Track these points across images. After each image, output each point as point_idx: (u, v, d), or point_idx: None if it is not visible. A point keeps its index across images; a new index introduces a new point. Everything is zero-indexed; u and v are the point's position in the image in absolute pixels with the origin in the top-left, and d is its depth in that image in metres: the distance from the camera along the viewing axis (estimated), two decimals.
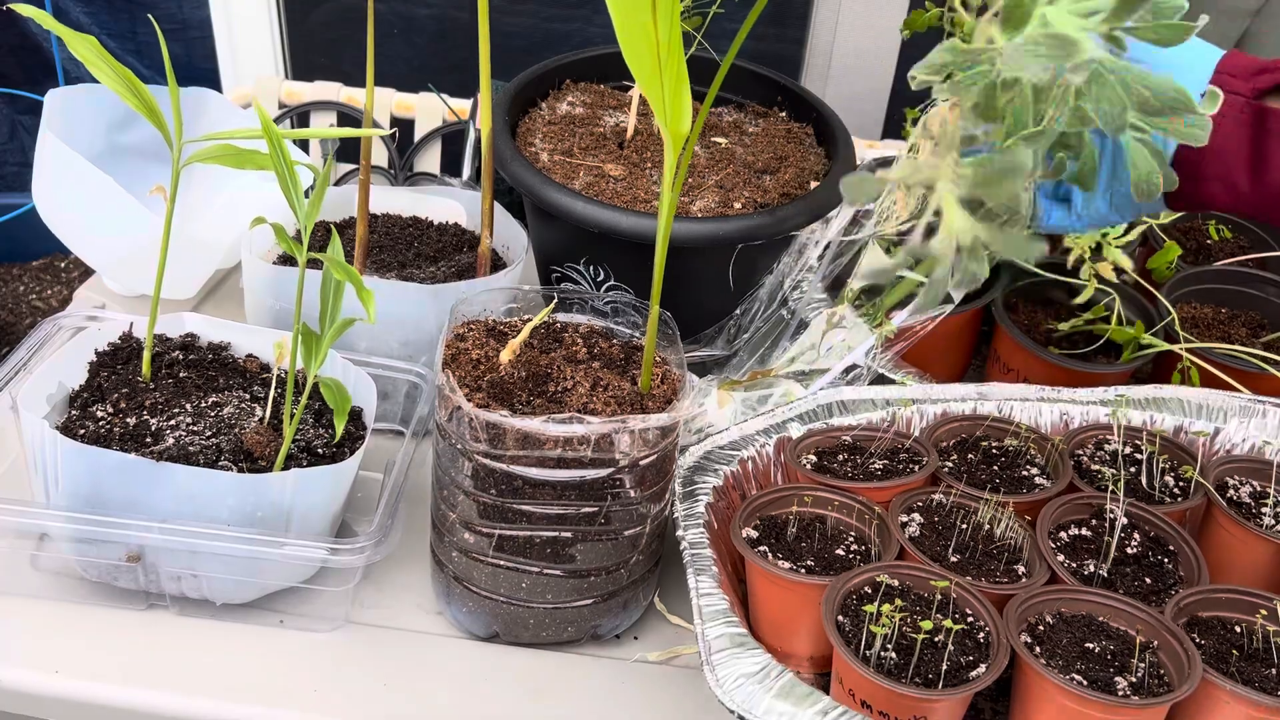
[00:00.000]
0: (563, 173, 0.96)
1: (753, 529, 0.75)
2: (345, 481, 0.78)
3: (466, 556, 0.73)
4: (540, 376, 0.72)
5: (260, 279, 0.95)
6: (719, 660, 0.64)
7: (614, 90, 1.12)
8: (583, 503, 0.70)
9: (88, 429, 0.75)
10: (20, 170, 2.30)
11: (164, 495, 0.71)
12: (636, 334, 0.80)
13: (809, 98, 1.09)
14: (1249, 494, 0.79)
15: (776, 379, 0.94)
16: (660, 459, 0.72)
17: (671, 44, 0.59)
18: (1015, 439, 0.83)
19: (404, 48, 1.88)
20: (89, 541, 0.73)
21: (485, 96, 0.89)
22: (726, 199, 0.95)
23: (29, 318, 2.33)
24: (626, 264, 0.94)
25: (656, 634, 0.80)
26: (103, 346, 0.84)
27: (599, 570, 0.73)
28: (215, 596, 0.77)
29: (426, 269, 1.01)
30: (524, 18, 1.84)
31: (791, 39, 1.66)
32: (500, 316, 0.80)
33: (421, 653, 0.77)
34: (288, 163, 0.70)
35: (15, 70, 2.21)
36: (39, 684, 0.73)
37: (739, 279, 0.99)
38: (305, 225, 0.71)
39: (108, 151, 1.08)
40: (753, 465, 0.82)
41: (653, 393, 0.73)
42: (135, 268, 1.02)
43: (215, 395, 0.81)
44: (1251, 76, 0.73)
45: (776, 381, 0.93)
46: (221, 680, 0.73)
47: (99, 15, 2.09)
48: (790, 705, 0.61)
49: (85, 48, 0.72)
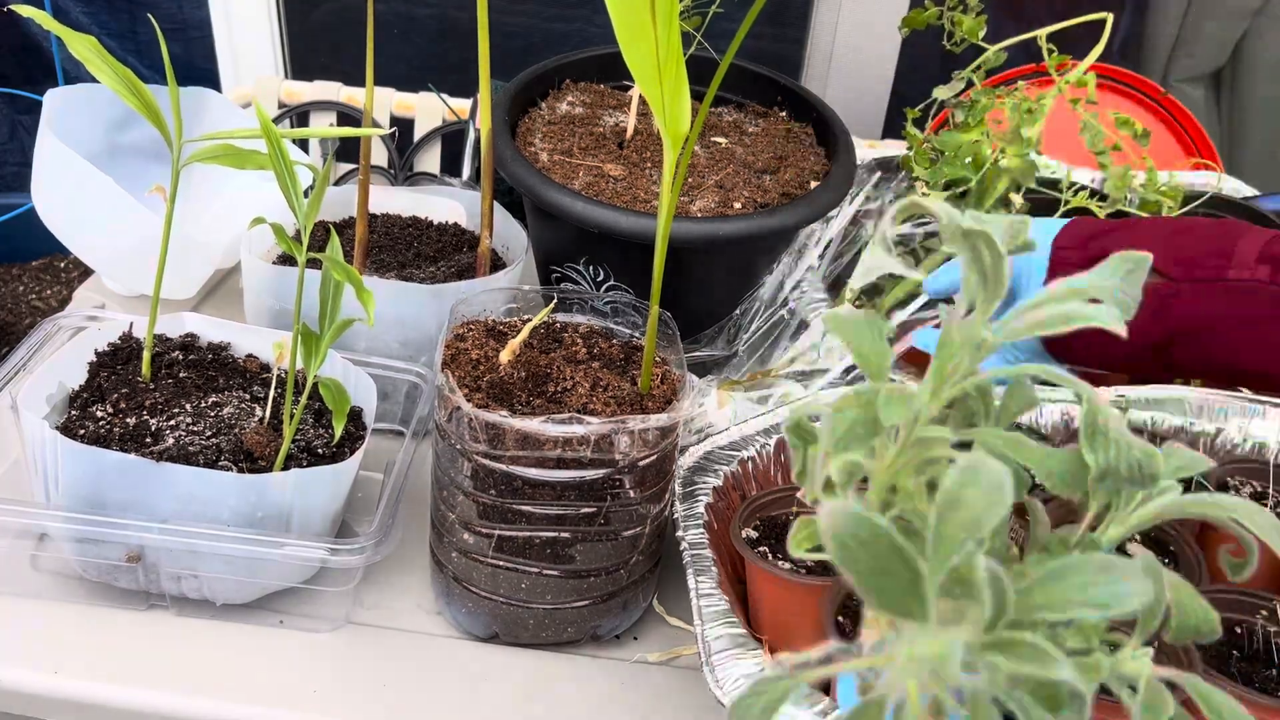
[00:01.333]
0: (562, 173, 0.96)
1: (753, 529, 0.75)
2: (345, 481, 0.78)
3: (466, 557, 0.73)
4: (540, 377, 0.72)
5: (260, 279, 0.95)
6: (719, 661, 0.64)
7: (614, 90, 1.12)
8: (582, 503, 0.70)
9: (88, 429, 0.75)
10: (20, 170, 2.30)
11: (164, 495, 0.71)
12: (636, 334, 0.80)
13: (809, 98, 1.09)
14: (1249, 494, 0.79)
15: (777, 379, 0.93)
16: (660, 459, 0.71)
17: (670, 44, 0.59)
18: None
19: (404, 48, 1.88)
20: (89, 541, 0.73)
21: (485, 96, 0.89)
22: (726, 199, 0.95)
23: (29, 318, 2.33)
24: (626, 264, 0.94)
25: (656, 634, 0.80)
26: (103, 346, 0.84)
27: (599, 571, 0.73)
28: (215, 597, 0.77)
29: (426, 269, 1.01)
30: (524, 18, 1.84)
31: (791, 39, 1.66)
32: (500, 316, 0.80)
33: (421, 653, 0.77)
34: (287, 163, 0.70)
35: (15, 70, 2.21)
36: (39, 684, 0.73)
37: (739, 279, 0.99)
38: (305, 225, 0.71)
39: (107, 151, 1.08)
40: (753, 465, 0.82)
41: (652, 393, 0.73)
42: (135, 268, 1.02)
43: (215, 395, 0.81)
44: (1085, 244, 0.79)
45: (776, 382, 0.93)
46: (221, 680, 0.73)
47: (99, 15, 2.09)
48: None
49: (85, 47, 0.72)
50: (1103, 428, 0.35)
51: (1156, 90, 1.48)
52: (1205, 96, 1.81)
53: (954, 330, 0.36)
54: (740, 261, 0.98)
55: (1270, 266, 0.73)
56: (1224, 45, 1.75)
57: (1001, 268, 0.36)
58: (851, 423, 0.36)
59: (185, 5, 2.02)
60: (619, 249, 0.91)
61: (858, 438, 0.36)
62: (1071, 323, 0.35)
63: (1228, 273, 0.73)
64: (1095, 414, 0.35)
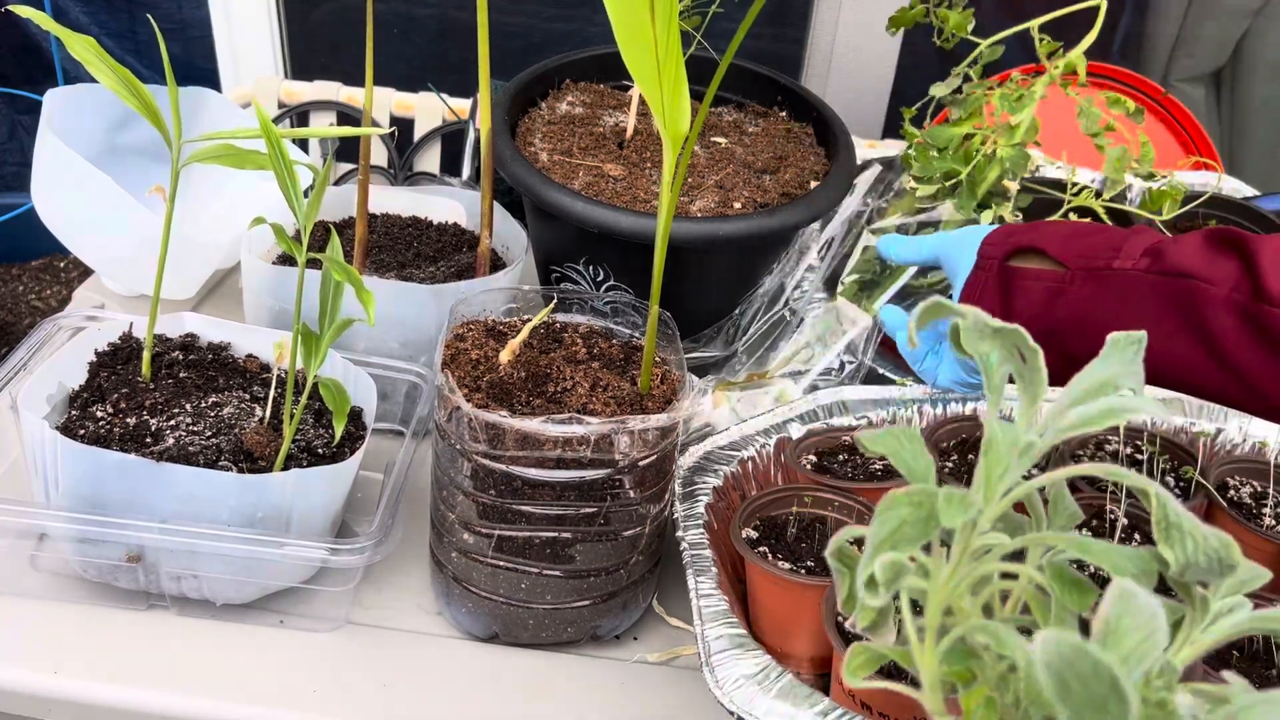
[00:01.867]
0: (562, 172, 0.96)
1: (752, 529, 0.75)
2: (345, 481, 0.78)
3: (466, 557, 0.73)
4: (540, 377, 0.72)
5: (260, 279, 0.95)
6: (719, 661, 0.64)
7: (614, 90, 1.12)
8: (582, 503, 0.70)
9: (88, 429, 0.75)
10: (20, 170, 2.30)
11: (164, 495, 0.71)
12: (636, 334, 0.80)
13: (809, 97, 1.09)
14: (1250, 494, 0.79)
15: (773, 380, 0.94)
16: (660, 459, 0.71)
17: (670, 44, 0.59)
18: None
19: (404, 48, 1.88)
20: (89, 541, 0.73)
21: (485, 96, 0.89)
22: (726, 199, 0.95)
23: (28, 318, 2.33)
24: (626, 264, 0.94)
25: (656, 635, 0.80)
26: (103, 346, 0.84)
27: (598, 571, 0.73)
28: (215, 597, 0.77)
29: (426, 269, 1.01)
30: (524, 18, 1.84)
31: (791, 39, 1.66)
32: (500, 316, 0.80)
33: (421, 653, 0.77)
34: (287, 162, 0.70)
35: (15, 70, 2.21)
36: (39, 684, 0.72)
37: (739, 279, 0.99)
38: (305, 225, 0.71)
39: (107, 151, 1.08)
40: (753, 465, 0.82)
41: (652, 393, 0.73)
42: (134, 268, 1.02)
43: (215, 395, 0.81)
44: (1004, 240, 0.83)
45: (773, 382, 0.93)
46: (221, 680, 0.73)
47: (98, 15, 2.09)
48: (790, 706, 0.61)
49: (84, 48, 0.72)
50: (1176, 522, 0.35)
51: (1157, 90, 1.48)
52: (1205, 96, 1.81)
53: (997, 433, 0.35)
54: (740, 261, 0.98)
55: (1150, 258, 0.76)
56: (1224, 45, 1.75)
57: (1038, 364, 0.36)
58: (900, 522, 0.34)
59: (185, 5, 2.02)
60: (619, 249, 0.91)
61: (908, 538, 0.34)
62: (1117, 417, 0.35)
63: (1114, 263, 0.77)
64: (1167, 509, 0.34)
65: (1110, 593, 0.29)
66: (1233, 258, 0.75)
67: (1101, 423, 0.35)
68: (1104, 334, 0.38)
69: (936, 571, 0.35)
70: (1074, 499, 0.76)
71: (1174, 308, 0.75)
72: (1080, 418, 0.35)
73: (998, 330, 0.36)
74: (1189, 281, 0.73)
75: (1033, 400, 0.36)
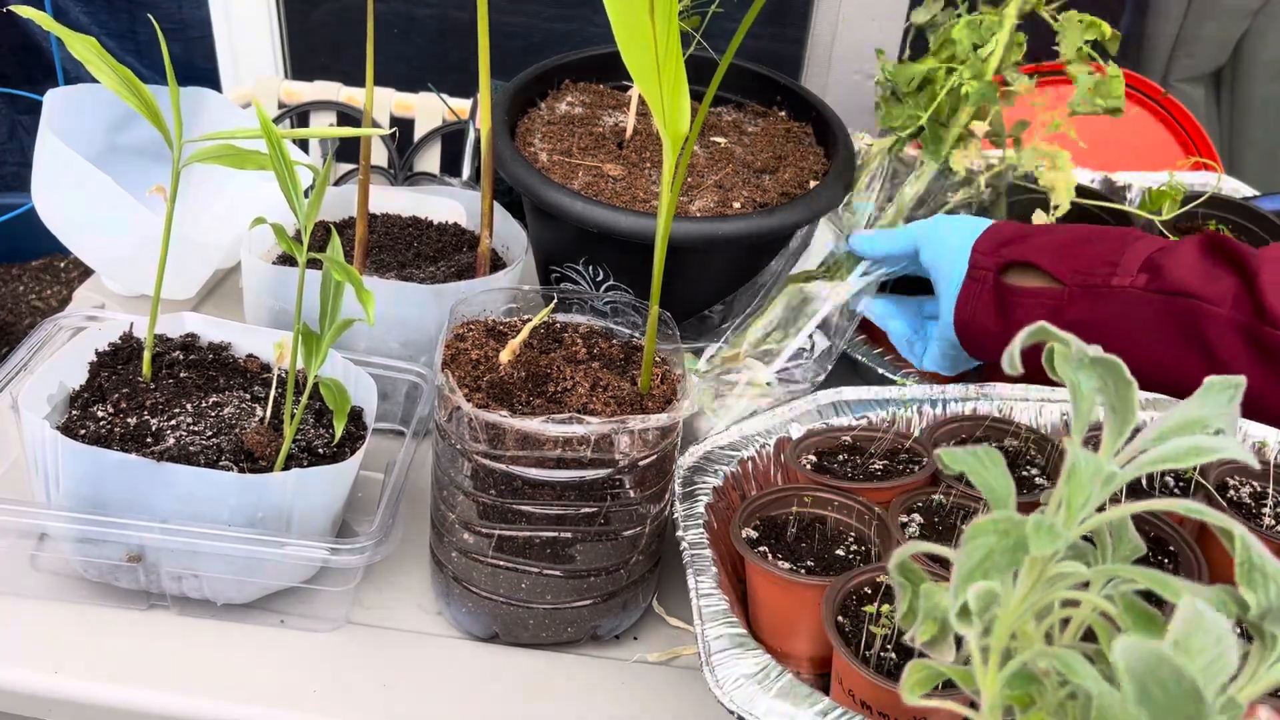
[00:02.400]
0: (562, 173, 0.96)
1: (752, 529, 0.75)
2: (346, 481, 0.78)
3: (466, 557, 0.73)
4: (540, 377, 0.72)
5: (260, 279, 0.95)
6: (719, 661, 0.64)
7: (613, 90, 1.12)
8: (582, 503, 0.70)
9: (88, 429, 0.75)
10: (20, 170, 2.31)
11: (164, 495, 0.71)
12: (636, 334, 0.80)
13: (808, 97, 1.09)
14: (1249, 494, 0.79)
15: (743, 362, 0.93)
16: (660, 459, 0.72)
17: (669, 44, 0.59)
18: (1016, 439, 0.83)
19: (404, 48, 1.88)
20: (89, 541, 0.73)
21: (485, 96, 0.89)
22: (725, 199, 0.95)
23: (29, 318, 2.33)
24: (626, 264, 0.94)
25: (656, 634, 0.80)
26: (103, 346, 0.84)
27: (599, 571, 0.73)
28: (216, 597, 0.77)
29: (426, 269, 1.01)
30: (524, 18, 1.84)
31: (791, 39, 1.66)
32: (500, 316, 0.80)
33: (421, 653, 0.77)
34: (287, 163, 0.70)
35: (15, 70, 2.21)
36: (39, 684, 0.73)
37: (738, 279, 0.99)
38: (305, 225, 0.71)
39: (107, 151, 1.08)
40: (752, 465, 0.82)
41: (652, 393, 0.73)
42: (135, 268, 1.02)
43: (216, 395, 0.81)
44: (997, 250, 0.84)
45: (743, 365, 0.93)
46: (221, 680, 0.73)
47: (98, 15, 2.09)
48: (790, 706, 0.61)
49: (84, 48, 0.72)
50: (1260, 565, 0.34)
51: (1157, 90, 1.48)
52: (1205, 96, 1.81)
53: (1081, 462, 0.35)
54: (740, 261, 0.98)
55: (1148, 275, 0.76)
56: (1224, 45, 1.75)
57: (1130, 395, 0.36)
58: (989, 550, 0.35)
59: (185, 5, 2.02)
60: (618, 249, 0.91)
61: (997, 566, 0.35)
62: (1203, 457, 0.35)
63: (1112, 280, 0.77)
64: (1250, 552, 0.34)
65: (1180, 611, 0.30)
66: (1231, 273, 0.74)
67: (1185, 461, 0.35)
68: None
69: (1007, 596, 0.35)
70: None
71: (1175, 327, 0.74)
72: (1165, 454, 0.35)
73: (1095, 360, 0.36)
74: (1190, 301, 0.73)
75: (1120, 431, 0.36)
